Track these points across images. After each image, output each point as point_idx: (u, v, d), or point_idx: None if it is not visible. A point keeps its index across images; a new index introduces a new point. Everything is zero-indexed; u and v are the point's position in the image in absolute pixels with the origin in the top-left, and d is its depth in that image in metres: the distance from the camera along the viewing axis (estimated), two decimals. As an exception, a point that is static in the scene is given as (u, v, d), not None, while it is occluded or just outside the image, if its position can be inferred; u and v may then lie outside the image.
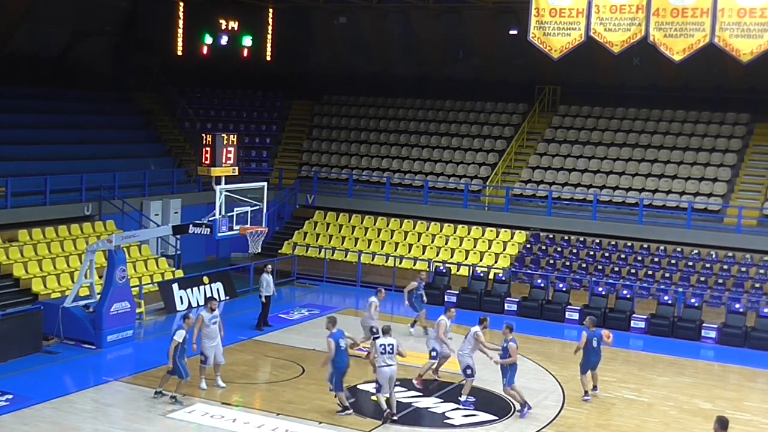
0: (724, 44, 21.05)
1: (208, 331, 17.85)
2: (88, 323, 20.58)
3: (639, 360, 22.18)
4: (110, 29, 35.48)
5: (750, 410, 18.50)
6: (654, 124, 32.16)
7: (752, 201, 28.50)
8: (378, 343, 16.68)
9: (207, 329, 17.84)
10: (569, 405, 18.00)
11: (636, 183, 30.00)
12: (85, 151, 29.77)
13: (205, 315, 17.94)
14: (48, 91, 32.09)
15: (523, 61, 33.95)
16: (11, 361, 19.01)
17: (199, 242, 27.62)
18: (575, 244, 28.66)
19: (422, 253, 29.32)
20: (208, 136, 20.06)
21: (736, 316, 23.80)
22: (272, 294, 23.12)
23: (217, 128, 33.61)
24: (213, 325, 17.94)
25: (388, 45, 37.22)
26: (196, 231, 20.17)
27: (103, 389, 17.91)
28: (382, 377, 16.42)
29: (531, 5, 22.64)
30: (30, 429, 15.53)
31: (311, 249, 30.25)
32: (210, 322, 17.93)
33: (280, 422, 16.20)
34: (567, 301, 25.46)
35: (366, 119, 36.11)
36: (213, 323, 17.95)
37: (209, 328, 17.88)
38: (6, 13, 30.13)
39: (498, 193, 30.94)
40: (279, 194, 32.33)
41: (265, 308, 22.91)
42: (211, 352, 17.88)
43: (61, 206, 26.07)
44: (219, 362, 18.06)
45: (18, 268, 23.25)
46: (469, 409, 17.38)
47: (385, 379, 16.40)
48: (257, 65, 35.95)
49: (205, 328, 17.84)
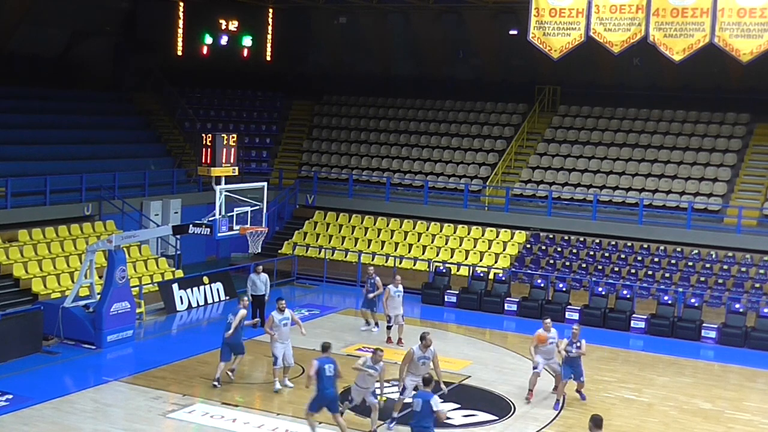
0: (724, 44, 21.04)
1: (278, 333, 17.88)
2: (88, 323, 20.59)
3: (639, 360, 22.18)
4: (110, 29, 35.51)
5: (750, 410, 18.50)
6: (654, 124, 32.16)
7: (752, 201, 28.50)
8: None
9: (278, 331, 17.89)
10: (569, 405, 18.00)
11: (636, 183, 30.00)
12: (85, 151, 29.77)
13: (275, 315, 17.99)
14: (48, 91, 32.10)
15: (523, 61, 33.95)
16: (11, 361, 19.02)
17: (199, 242, 27.62)
18: (575, 244, 28.66)
19: (422, 253, 29.32)
20: (207, 136, 20.05)
21: (736, 316, 23.79)
22: (263, 294, 22.62)
23: (217, 128, 33.60)
24: (284, 327, 17.95)
25: (388, 45, 37.22)
26: (196, 231, 20.16)
27: (103, 389, 17.91)
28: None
29: (531, 5, 22.63)
30: (30, 429, 15.53)
31: (311, 249, 30.25)
32: (280, 323, 17.93)
33: (280, 422, 16.21)
34: (567, 301, 25.45)
35: (366, 119, 36.11)
36: (284, 325, 17.95)
37: (280, 330, 17.91)
38: (6, 13, 30.14)
39: (498, 193, 30.94)
40: (279, 194, 32.32)
41: (254, 308, 22.49)
42: (280, 352, 17.92)
43: (61, 206, 26.07)
44: (288, 364, 18.10)
45: (18, 268, 23.25)
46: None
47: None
48: (257, 65, 35.96)
49: (276, 330, 17.89)
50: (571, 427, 16.86)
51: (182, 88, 35.67)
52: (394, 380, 17.47)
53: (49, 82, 32.63)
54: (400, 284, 22.07)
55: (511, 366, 20.68)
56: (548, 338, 18.09)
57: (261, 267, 23.04)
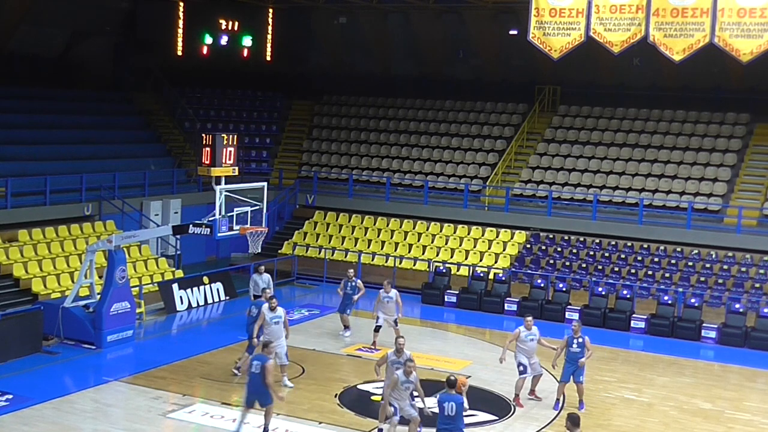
0: (724, 44, 21.03)
1: (269, 330, 17.73)
2: (88, 323, 20.58)
3: (639, 360, 22.19)
4: (110, 29, 35.49)
5: (750, 410, 18.50)
6: (654, 124, 32.16)
7: (752, 201, 28.50)
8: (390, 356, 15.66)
9: (268, 328, 17.75)
10: (569, 405, 17.98)
11: (636, 183, 30.00)
12: (85, 151, 29.77)
13: (266, 313, 17.86)
14: (48, 91, 32.09)
15: (523, 61, 33.94)
16: (11, 361, 19.00)
17: (199, 242, 27.62)
18: (575, 244, 28.66)
19: (422, 253, 29.32)
20: (208, 136, 20.05)
21: (736, 316, 23.80)
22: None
23: (217, 128, 33.62)
24: (275, 325, 17.82)
25: (388, 45, 37.23)
26: (196, 231, 20.16)
27: (103, 389, 17.90)
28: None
29: (531, 5, 22.62)
30: (30, 429, 15.52)
31: (311, 249, 30.25)
32: (271, 321, 17.84)
33: (280, 422, 16.19)
34: (567, 301, 25.46)
35: (366, 119, 36.11)
36: (275, 323, 17.84)
37: (270, 327, 17.78)
38: (6, 13, 30.12)
39: (498, 193, 30.94)
40: (279, 194, 32.33)
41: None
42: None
43: (61, 206, 26.06)
44: (282, 363, 17.86)
45: (18, 268, 23.25)
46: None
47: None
48: (257, 65, 35.95)
49: (267, 327, 17.75)
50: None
51: (182, 88, 35.67)
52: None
53: (49, 82, 32.62)
54: (391, 290, 21.26)
55: (511, 366, 20.55)
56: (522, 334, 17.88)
57: (263, 267, 23.00)
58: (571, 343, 17.56)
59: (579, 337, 17.55)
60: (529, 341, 17.92)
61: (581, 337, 17.55)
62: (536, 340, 17.97)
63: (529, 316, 18.54)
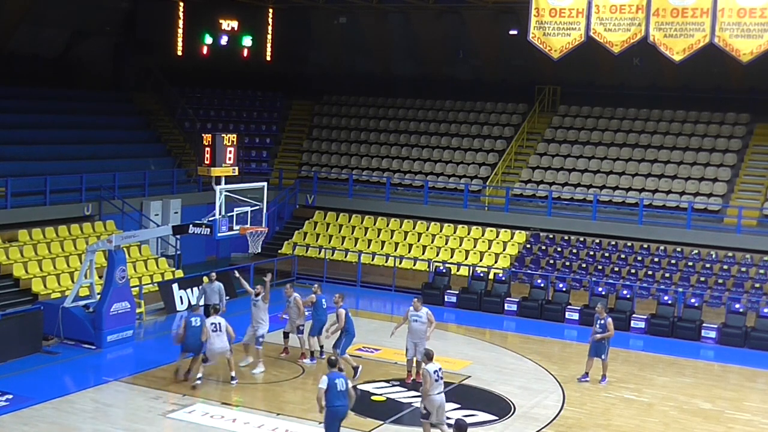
0: (724, 44, 21.03)
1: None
2: (88, 323, 20.59)
3: (639, 360, 22.18)
4: (110, 29, 35.49)
5: (750, 410, 18.50)
6: (654, 124, 32.15)
7: (752, 201, 28.50)
8: (431, 369, 14.70)
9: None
10: (569, 405, 18.00)
11: (636, 183, 30.00)
12: (85, 151, 29.76)
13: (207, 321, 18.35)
14: (48, 91, 32.07)
15: (523, 61, 33.94)
16: (11, 361, 19.01)
17: (199, 242, 27.60)
18: (575, 244, 28.66)
19: (422, 253, 29.32)
20: (208, 136, 20.05)
21: (736, 316, 23.79)
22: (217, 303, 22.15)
23: (217, 128, 33.59)
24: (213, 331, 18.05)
25: (388, 45, 37.21)
26: (196, 231, 20.16)
27: (103, 389, 17.91)
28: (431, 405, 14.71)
29: (531, 5, 22.62)
30: (30, 429, 15.53)
31: (311, 249, 30.25)
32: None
33: (280, 422, 16.21)
34: (567, 301, 25.45)
35: (366, 119, 36.11)
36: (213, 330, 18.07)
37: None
38: (6, 13, 30.13)
39: (498, 193, 30.94)
40: (279, 194, 32.32)
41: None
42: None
43: (61, 206, 26.06)
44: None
45: (18, 268, 23.25)
46: None
47: (434, 407, 14.75)
48: (257, 65, 35.94)
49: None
50: (570, 427, 16.86)
51: (182, 88, 35.66)
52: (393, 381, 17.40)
53: (49, 82, 32.60)
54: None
55: (511, 366, 20.69)
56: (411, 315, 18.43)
57: (214, 275, 21.72)
58: (596, 322, 19.29)
59: (603, 319, 19.25)
60: (413, 322, 18.44)
61: (604, 319, 19.24)
62: (421, 321, 18.39)
63: (416, 298, 19.31)
